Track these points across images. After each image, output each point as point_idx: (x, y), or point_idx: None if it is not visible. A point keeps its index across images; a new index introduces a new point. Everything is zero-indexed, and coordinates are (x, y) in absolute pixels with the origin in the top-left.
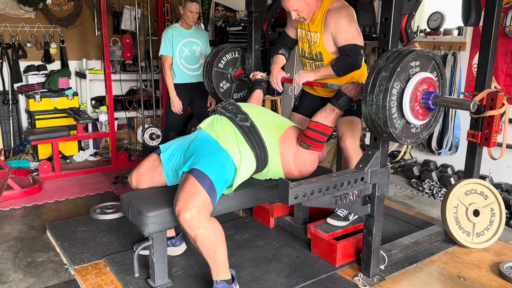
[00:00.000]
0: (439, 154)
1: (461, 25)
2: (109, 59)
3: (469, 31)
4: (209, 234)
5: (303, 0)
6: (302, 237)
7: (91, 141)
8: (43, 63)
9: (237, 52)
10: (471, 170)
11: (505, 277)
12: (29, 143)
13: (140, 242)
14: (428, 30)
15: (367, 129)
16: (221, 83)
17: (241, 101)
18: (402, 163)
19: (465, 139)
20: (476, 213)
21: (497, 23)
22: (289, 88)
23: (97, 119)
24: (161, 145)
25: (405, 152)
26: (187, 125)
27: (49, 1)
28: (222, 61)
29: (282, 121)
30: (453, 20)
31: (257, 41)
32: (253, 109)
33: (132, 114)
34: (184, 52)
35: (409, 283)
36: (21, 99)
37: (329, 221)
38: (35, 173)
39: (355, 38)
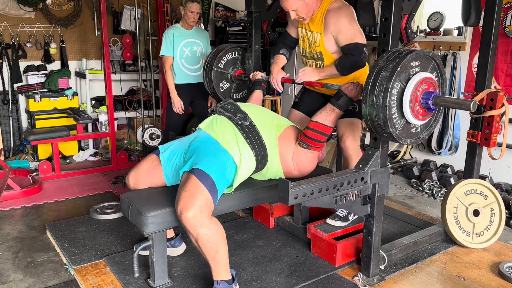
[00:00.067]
0: (439, 154)
1: (461, 25)
2: (109, 59)
3: (469, 31)
4: (211, 233)
5: (302, 0)
6: (302, 237)
7: (91, 141)
8: (43, 63)
9: (237, 52)
10: (471, 170)
11: (505, 277)
12: (29, 143)
13: (140, 242)
14: (428, 30)
15: (367, 129)
16: (221, 83)
17: (241, 101)
18: (402, 163)
19: (465, 139)
20: (476, 213)
21: (497, 23)
22: (289, 88)
23: (97, 119)
24: (160, 146)
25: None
26: (187, 125)
27: (49, 1)
28: (222, 61)
29: (280, 121)
30: (453, 20)
31: (257, 41)
32: (252, 108)
33: (132, 114)
34: (185, 52)
35: (409, 283)
36: (21, 99)
37: (329, 221)
38: (35, 173)
39: (357, 36)
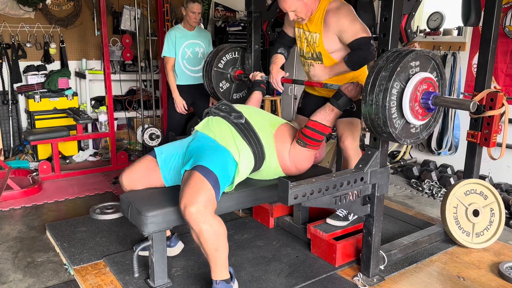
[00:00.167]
0: (439, 154)
1: (460, 25)
2: (109, 59)
3: (468, 31)
4: (213, 229)
5: (300, 0)
6: (301, 237)
7: (90, 141)
8: (43, 63)
9: (236, 52)
10: (470, 170)
11: (505, 277)
12: (29, 143)
13: (139, 242)
14: (427, 30)
15: (367, 129)
16: (221, 83)
17: (240, 102)
18: (401, 163)
19: (464, 139)
20: (475, 213)
21: (497, 23)
22: (289, 88)
23: (97, 119)
24: (156, 148)
25: (404, 152)
26: (187, 124)
27: (49, 1)
28: (222, 61)
29: (274, 119)
30: (452, 20)
31: (257, 41)
32: (246, 108)
33: (131, 114)
34: (186, 53)
35: (409, 283)
36: (21, 99)
37: (328, 221)
38: (35, 173)
39: (362, 31)
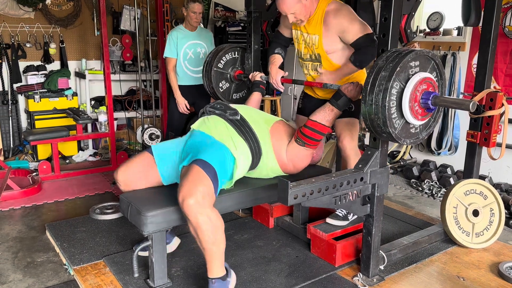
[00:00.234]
0: (439, 154)
1: (460, 25)
2: (109, 59)
3: (468, 31)
4: (211, 221)
5: (299, 2)
6: (301, 237)
7: (90, 141)
8: (43, 63)
9: (236, 52)
10: (470, 170)
11: (505, 277)
12: (29, 143)
13: (139, 242)
14: (427, 30)
15: (367, 129)
16: (221, 83)
17: (240, 102)
18: (401, 163)
19: (464, 139)
20: (475, 213)
21: (497, 23)
22: (288, 88)
23: (97, 119)
24: (152, 146)
25: (404, 152)
26: (187, 125)
27: (49, 1)
28: (221, 61)
29: (268, 117)
30: (452, 20)
31: (257, 41)
32: (240, 106)
33: (131, 114)
34: (188, 54)
35: (409, 283)
36: (21, 99)
37: (328, 220)
38: (35, 173)
39: (364, 29)
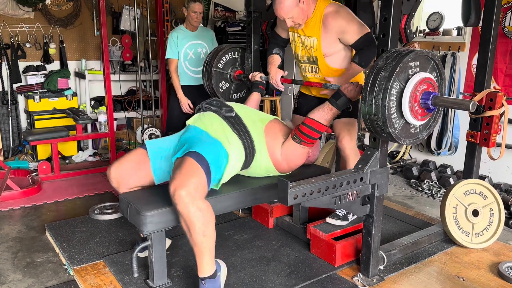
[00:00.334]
0: (438, 154)
1: (460, 25)
2: (108, 59)
3: (468, 32)
4: (202, 213)
5: (297, 6)
6: (301, 237)
7: (90, 142)
8: (42, 64)
9: (236, 52)
10: (470, 170)
11: (504, 277)
12: (28, 143)
13: (139, 242)
14: (427, 30)
15: (366, 129)
16: (220, 83)
17: (240, 102)
18: (401, 163)
19: (464, 139)
20: (475, 213)
21: (496, 24)
22: (288, 88)
23: (96, 120)
24: (146, 141)
25: (404, 152)
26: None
27: (48, 1)
28: (221, 61)
29: (264, 115)
30: (452, 20)
31: (256, 41)
32: (236, 104)
33: (131, 114)
34: (188, 54)
35: (408, 283)
36: (20, 99)
37: (328, 220)
38: (34, 174)
39: (363, 29)
